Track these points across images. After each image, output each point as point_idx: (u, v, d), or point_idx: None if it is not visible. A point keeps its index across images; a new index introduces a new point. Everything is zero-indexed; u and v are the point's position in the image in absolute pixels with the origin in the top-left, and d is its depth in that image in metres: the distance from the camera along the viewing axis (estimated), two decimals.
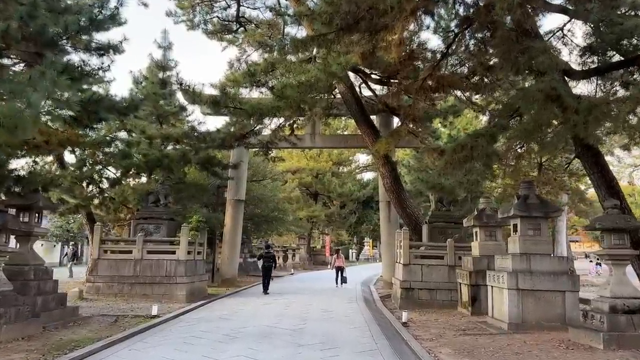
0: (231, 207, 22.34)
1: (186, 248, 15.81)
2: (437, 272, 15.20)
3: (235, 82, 13.06)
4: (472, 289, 13.39)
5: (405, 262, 15.30)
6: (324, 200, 49.13)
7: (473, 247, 14.26)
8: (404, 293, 15.11)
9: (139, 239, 15.84)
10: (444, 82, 12.83)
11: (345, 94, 17.48)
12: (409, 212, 17.77)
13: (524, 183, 11.55)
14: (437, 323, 11.99)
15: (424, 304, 14.87)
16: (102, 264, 15.90)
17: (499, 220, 13.83)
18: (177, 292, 15.46)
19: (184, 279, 15.54)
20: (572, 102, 8.94)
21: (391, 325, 11.39)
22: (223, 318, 11.62)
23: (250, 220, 27.83)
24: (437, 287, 15.07)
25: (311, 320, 11.45)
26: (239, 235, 22.68)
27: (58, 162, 19.90)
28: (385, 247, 21.86)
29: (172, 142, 18.09)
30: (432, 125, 20.28)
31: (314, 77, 12.14)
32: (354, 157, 53.61)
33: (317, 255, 48.06)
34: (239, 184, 22.42)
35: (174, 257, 15.78)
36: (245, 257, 30.68)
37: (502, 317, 11.01)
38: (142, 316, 12.02)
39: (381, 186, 22.38)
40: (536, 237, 11.15)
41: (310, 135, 22.62)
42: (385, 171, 17.56)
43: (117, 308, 13.42)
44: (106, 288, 15.68)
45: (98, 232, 16.07)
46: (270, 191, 26.96)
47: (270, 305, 14.65)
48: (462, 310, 13.92)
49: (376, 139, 17.44)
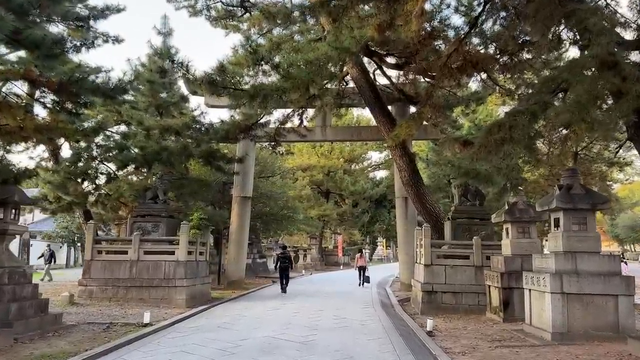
0: (237, 204, 21.01)
1: (186, 248, 14.50)
2: (463, 274, 13.72)
3: (237, 65, 11.67)
4: (503, 292, 11.90)
5: (427, 263, 13.83)
6: (335, 199, 47.75)
7: (504, 246, 12.76)
8: (425, 297, 13.64)
9: (135, 238, 14.56)
10: (471, 60, 11.33)
11: (359, 80, 16.05)
12: (428, 207, 16.29)
13: (567, 171, 10.03)
14: (466, 332, 10.52)
15: (448, 309, 13.42)
16: (96, 265, 14.64)
17: (533, 216, 12.36)
18: (176, 297, 14.15)
19: (183, 281, 14.22)
20: (633, 70, 7.44)
21: (414, 334, 9.94)
22: (223, 327, 10.23)
23: (259, 219, 26.49)
24: (463, 290, 13.59)
25: (323, 330, 10.02)
26: (246, 234, 21.34)
27: (53, 157, 18.74)
28: (403, 246, 20.38)
29: (172, 135, 16.79)
30: (453, 115, 18.75)
31: (324, 55, 10.72)
32: (367, 154, 52.18)
33: (329, 256, 46.63)
34: (245, 179, 21.07)
35: (173, 258, 14.48)
36: (254, 258, 29.39)
37: (543, 325, 9.52)
38: (133, 324, 10.71)
39: (397, 181, 20.92)
40: (582, 232, 9.63)
41: (320, 128, 21.22)
42: (403, 163, 16.10)
43: (109, 314, 12.13)
44: (100, 292, 14.41)
45: (91, 231, 14.80)
46: (279, 188, 25.58)
47: (278, 310, 13.25)
48: (492, 316, 12.43)
49: (392, 128, 15.97)
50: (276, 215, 26.30)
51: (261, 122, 18.56)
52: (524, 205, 12.50)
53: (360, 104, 20.26)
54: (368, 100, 16.20)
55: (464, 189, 14.97)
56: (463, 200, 15.06)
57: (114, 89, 10.34)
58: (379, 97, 16.22)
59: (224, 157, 17.44)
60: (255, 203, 25.10)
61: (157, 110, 17.70)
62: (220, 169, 18.17)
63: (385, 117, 16.06)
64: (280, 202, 26.02)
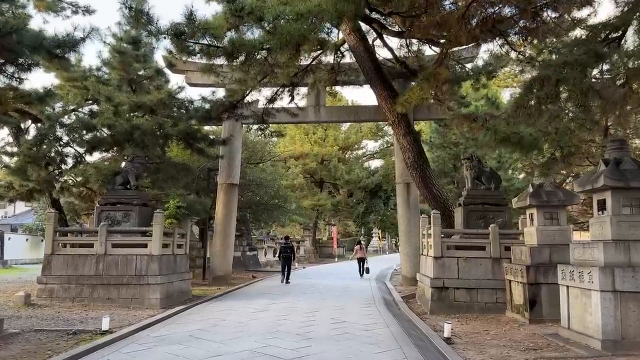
0: (223, 192, 19.11)
1: (161, 240, 12.63)
2: (478, 267, 11.95)
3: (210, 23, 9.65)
4: (529, 288, 10.15)
5: (437, 255, 12.05)
6: (329, 189, 45.91)
7: (527, 234, 10.99)
8: (435, 293, 11.87)
9: (102, 230, 12.66)
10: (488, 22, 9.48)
11: (357, 49, 14.15)
12: (435, 193, 14.50)
13: (614, 142, 8.20)
14: (489, 337, 8.77)
15: (462, 308, 11.68)
16: (57, 260, 12.73)
17: (563, 199, 10.59)
18: (148, 296, 12.30)
19: (157, 278, 12.36)
20: None
21: (430, 342, 8.16)
22: (195, 336, 8.37)
23: (248, 208, 24.62)
24: (478, 285, 11.83)
25: (318, 340, 8.18)
26: (233, 225, 19.46)
27: (15, 139, 16.75)
28: (404, 237, 18.59)
29: (146, 113, 14.85)
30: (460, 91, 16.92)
31: (317, 7, 8.81)
32: (361, 143, 50.35)
33: (323, 248, 44.85)
34: (232, 165, 19.16)
35: (146, 252, 12.61)
36: (243, 251, 27.55)
37: (588, 331, 7.76)
38: (90, 332, 8.87)
39: (398, 165, 19.11)
40: (635, 216, 7.85)
41: (313, 108, 19.30)
42: (407, 143, 14.27)
43: (67, 319, 10.28)
44: (62, 291, 12.52)
45: (52, 221, 12.88)
46: (269, 175, 23.67)
47: (265, 312, 11.41)
48: (514, 315, 10.69)
49: (395, 101, 14.15)
50: (266, 205, 24.43)
51: (247, 100, 16.66)
52: (551, 187, 10.71)
53: (357, 81, 18.36)
54: (367, 72, 14.31)
55: (477, 171, 13.17)
56: (476, 183, 13.26)
57: (61, 45, 8.38)
58: (379, 68, 14.35)
59: (205, 138, 15.50)
60: (243, 191, 23.21)
61: (130, 86, 15.73)
62: (201, 152, 16.25)
63: (387, 90, 14.20)
64: (271, 190, 24.14)
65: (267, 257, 31.15)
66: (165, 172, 14.74)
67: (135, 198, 13.60)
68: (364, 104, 19.46)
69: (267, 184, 23.06)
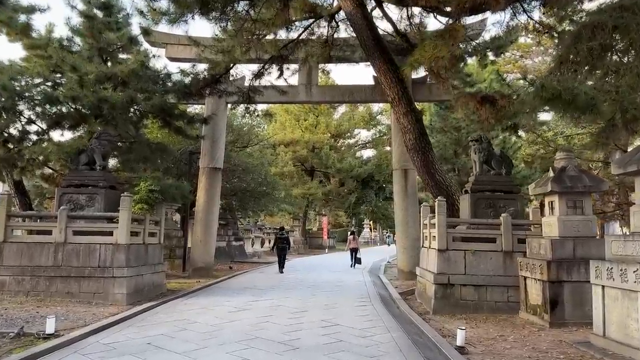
0: (205, 176, 17.56)
1: (128, 227, 11.11)
2: (487, 261, 10.59)
3: None
4: (550, 287, 8.80)
5: (442, 247, 10.66)
6: (320, 178, 44.44)
7: (547, 225, 9.61)
8: (439, 291, 10.49)
9: (62, 214, 11.11)
10: None
11: (354, 17, 12.61)
12: (438, 178, 13.09)
13: None
14: (508, 345, 7.40)
15: (469, 307, 10.33)
16: (10, 249, 11.17)
17: (589, 184, 9.21)
18: (113, 290, 10.80)
19: (124, 270, 10.86)
20: None
21: (440, 351, 6.77)
22: (154, 344, 6.86)
23: (234, 195, 23.07)
24: (488, 282, 10.46)
25: (305, 351, 6.68)
26: (216, 212, 17.94)
27: None
28: (401, 227, 17.19)
29: (116, 85, 13.25)
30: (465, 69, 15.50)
31: None
32: (354, 131, 48.87)
33: (313, 238, 43.41)
34: (215, 147, 17.60)
35: (112, 241, 11.09)
36: (229, 240, 26.04)
37: (631, 341, 6.42)
38: (32, 335, 7.38)
39: (396, 150, 17.68)
40: None
41: (305, 87, 17.77)
42: (408, 122, 12.82)
43: (11, 317, 8.75)
44: (14, 284, 10.98)
45: (4, 204, 11.30)
46: (256, 160, 22.09)
47: (245, 312, 9.92)
48: (530, 317, 9.36)
49: (396, 76, 12.70)
50: (253, 192, 22.89)
51: (232, 75, 15.15)
52: (575, 171, 9.33)
53: (353, 58, 16.84)
54: (365, 43, 12.79)
55: (486, 154, 11.75)
56: (486, 168, 11.85)
57: None
58: (379, 38, 12.84)
59: (183, 115, 13.91)
60: (229, 177, 21.70)
61: (101, 57, 14.11)
62: (180, 132, 14.66)
63: (387, 63, 12.72)
64: (258, 176, 22.58)
65: (254, 248, 29.67)
66: (138, 152, 13.16)
67: (102, 180, 12.03)
68: (360, 84, 17.92)
69: (253, 169, 21.50)
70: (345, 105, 48.05)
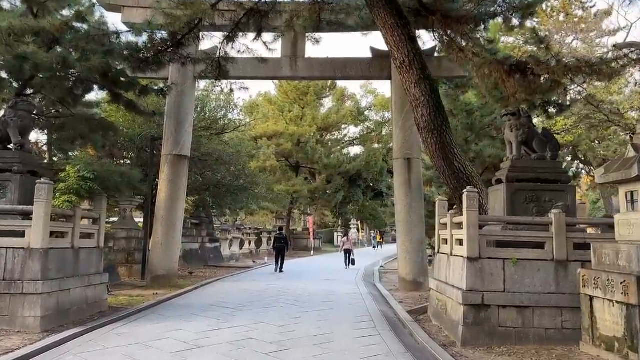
0: (168, 166, 14.56)
1: (46, 226, 8.14)
2: (534, 274, 7.83)
3: None
4: (637, 313, 6.06)
5: (472, 255, 7.85)
6: (305, 175, 41.59)
7: (624, 225, 6.86)
8: (470, 314, 7.68)
9: None
10: None
11: None
12: (457, 166, 10.38)
13: None
14: None
15: (510, 337, 7.58)
16: None
17: None
18: (23, 313, 7.84)
19: (38, 285, 7.89)
20: None
21: None
22: None
23: (207, 191, 20.05)
24: (536, 302, 7.68)
25: None
26: (181, 209, 14.96)
27: None
28: (403, 227, 14.37)
29: (47, 44, 10.25)
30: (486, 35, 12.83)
31: None
32: (342, 125, 46.14)
33: (298, 239, 40.47)
34: (180, 131, 14.63)
35: (23, 244, 8.10)
36: (202, 242, 23.05)
37: None
38: None
39: (398, 136, 14.88)
40: None
41: (289, 59, 14.90)
42: (421, 93, 10.04)
43: None
44: None
45: None
46: (232, 148, 19.08)
47: (196, 351, 6.95)
48: (601, 352, 6.68)
49: (406, 32, 9.92)
50: (230, 187, 19.88)
51: (198, 38, 12.23)
52: None
53: (348, 24, 14.06)
54: None
55: (526, 133, 8.96)
56: (525, 151, 9.07)
57: None
58: None
59: (132, 84, 10.88)
60: (201, 169, 18.69)
61: (30, 9, 11.07)
62: (131, 107, 11.62)
63: (396, 18, 9.94)
64: (235, 168, 19.58)
65: (232, 250, 26.65)
66: (71, 128, 10.14)
67: (17, 162, 8.99)
68: (355, 57, 15.10)
69: (229, 159, 18.49)
70: (333, 98, 45.37)
